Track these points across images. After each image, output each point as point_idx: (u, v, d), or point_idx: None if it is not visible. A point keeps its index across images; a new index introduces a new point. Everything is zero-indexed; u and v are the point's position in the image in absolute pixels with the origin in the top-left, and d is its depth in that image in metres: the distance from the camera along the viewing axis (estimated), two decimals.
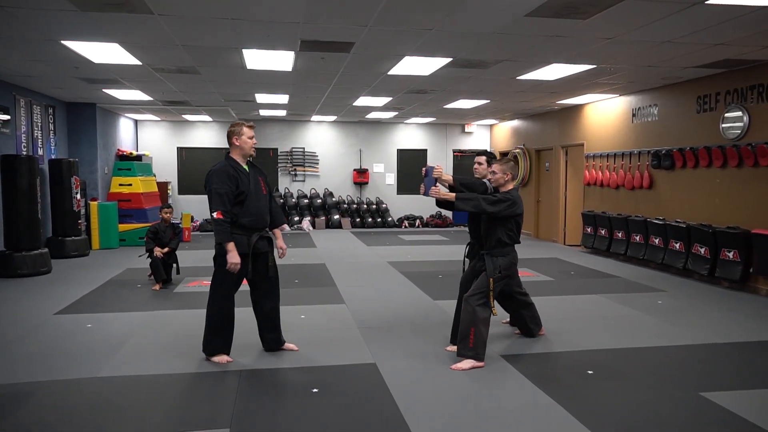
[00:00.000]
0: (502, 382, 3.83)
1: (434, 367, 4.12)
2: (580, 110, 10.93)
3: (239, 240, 4.01)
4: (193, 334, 4.78)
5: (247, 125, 4.14)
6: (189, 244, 11.09)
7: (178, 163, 14.34)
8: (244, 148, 4.12)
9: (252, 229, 4.08)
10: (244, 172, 4.10)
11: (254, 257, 4.14)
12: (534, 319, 4.80)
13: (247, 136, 4.12)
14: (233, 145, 4.14)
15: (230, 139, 4.13)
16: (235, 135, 4.12)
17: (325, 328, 5.16)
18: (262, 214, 4.13)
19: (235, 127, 4.13)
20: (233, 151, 4.15)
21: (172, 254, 7.11)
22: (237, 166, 4.09)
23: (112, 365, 4.13)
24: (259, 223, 4.11)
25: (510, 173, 4.24)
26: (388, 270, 8.26)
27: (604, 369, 4.10)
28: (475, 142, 15.55)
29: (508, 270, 4.23)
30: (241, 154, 4.13)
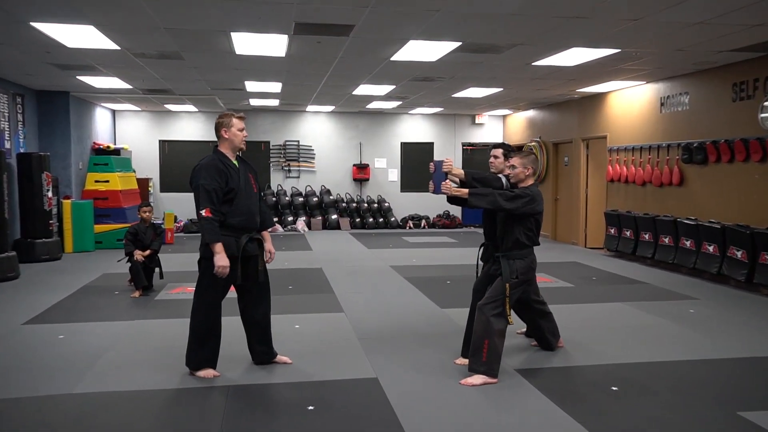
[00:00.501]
0: (518, 400, 3.82)
1: (442, 382, 4.10)
2: (602, 99, 10.90)
3: (227, 242, 4.01)
4: (176, 345, 4.77)
5: (236, 116, 4.15)
6: (172, 247, 11.10)
7: (160, 157, 14.35)
8: (234, 142, 4.12)
9: (241, 230, 4.07)
10: (233, 167, 4.09)
11: (243, 261, 4.13)
12: (552, 330, 4.78)
13: (237, 128, 4.12)
14: (222, 137, 4.14)
15: (218, 131, 4.14)
16: (224, 127, 4.11)
17: (322, 339, 5.15)
18: (253, 214, 4.12)
19: (223, 119, 4.13)
20: (222, 144, 4.15)
21: (154, 257, 7.10)
22: (226, 161, 4.08)
23: (87, 380, 4.12)
24: (250, 223, 4.10)
25: (531, 167, 4.23)
26: (391, 275, 8.25)
27: (630, 385, 4.08)
28: (486, 135, 15.53)
29: (526, 275, 4.21)
30: (230, 148, 4.13)
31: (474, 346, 4.10)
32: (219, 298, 4.09)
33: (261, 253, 4.19)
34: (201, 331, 4.09)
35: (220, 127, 4.12)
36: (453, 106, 13.29)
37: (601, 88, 10.24)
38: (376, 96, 11.51)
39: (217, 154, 4.12)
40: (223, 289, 4.09)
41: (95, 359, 4.56)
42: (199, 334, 4.10)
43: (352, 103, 12.90)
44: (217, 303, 4.08)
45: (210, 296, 4.05)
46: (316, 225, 14.32)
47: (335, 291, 7.14)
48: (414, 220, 14.98)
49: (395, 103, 12.80)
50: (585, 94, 11.09)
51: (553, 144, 12.73)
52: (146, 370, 4.33)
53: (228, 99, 12.19)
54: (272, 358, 4.38)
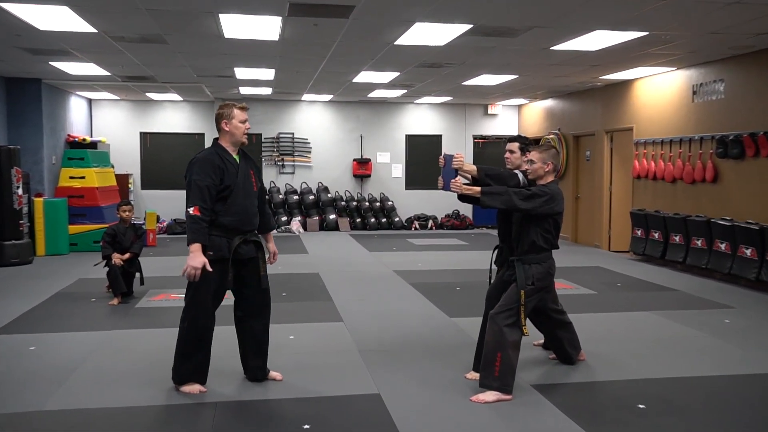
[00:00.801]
0: (534, 419, 3.81)
1: (451, 399, 4.09)
2: (628, 87, 10.89)
3: (218, 243, 4.01)
4: (159, 358, 4.77)
5: (238, 107, 4.17)
6: (154, 249, 11.11)
7: (141, 151, 14.38)
8: (235, 134, 4.14)
9: (234, 231, 4.07)
10: (233, 162, 4.11)
11: (240, 265, 4.14)
12: (572, 342, 4.77)
13: (239, 119, 4.14)
14: (222, 130, 4.16)
15: (218, 123, 4.16)
16: (224, 118, 4.14)
17: (319, 351, 5.14)
18: (249, 215, 4.13)
19: (224, 109, 4.16)
20: (222, 137, 4.18)
21: (134, 261, 7.11)
22: (225, 155, 4.10)
23: (60, 396, 4.12)
24: (244, 224, 4.11)
25: (551, 163, 4.22)
26: (395, 281, 8.25)
27: (658, 402, 4.07)
28: (499, 126, 15.52)
29: (544, 281, 4.20)
30: (231, 142, 4.15)
31: (486, 360, 4.09)
32: (209, 306, 4.07)
33: (261, 257, 4.19)
34: (187, 342, 4.08)
35: (221, 118, 4.14)
36: (463, 95, 13.28)
37: (627, 75, 10.22)
38: (379, 84, 11.50)
39: (216, 147, 4.14)
40: (214, 295, 4.08)
41: (69, 373, 4.56)
42: (185, 344, 4.09)
43: (352, 92, 12.90)
44: (207, 311, 4.07)
45: (199, 303, 4.05)
46: (312, 226, 14.33)
47: (333, 298, 7.14)
48: (420, 221, 14.98)
49: (400, 92, 12.79)
50: (609, 82, 11.07)
51: (574, 137, 12.71)
52: (126, 385, 4.32)
53: (216, 87, 12.20)
54: (267, 375, 4.38)
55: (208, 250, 3.99)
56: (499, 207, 4.10)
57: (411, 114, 15.24)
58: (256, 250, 4.18)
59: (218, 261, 4.01)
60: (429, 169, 15.02)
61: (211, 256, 4.00)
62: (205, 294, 4.04)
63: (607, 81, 10.95)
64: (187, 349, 4.09)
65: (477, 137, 15.52)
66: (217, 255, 4.01)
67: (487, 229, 15.01)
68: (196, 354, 4.10)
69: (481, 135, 15.52)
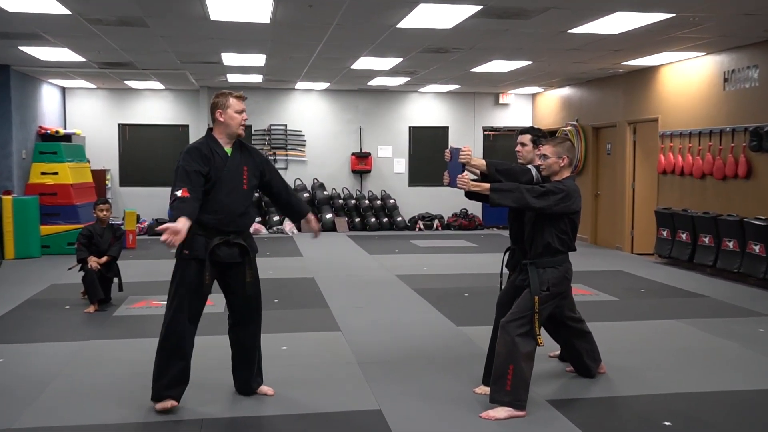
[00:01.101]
0: None
1: (458, 415, 4.10)
2: (653, 74, 10.89)
3: (194, 241, 4.01)
4: (139, 371, 4.78)
5: (234, 95, 4.18)
6: (134, 252, 11.12)
7: (119, 144, 14.39)
8: (231, 126, 4.16)
9: (213, 231, 4.07)
10: (221, 155, 4.12)
11: (223, 269, 4.14)
12: (592, 353, 4.77)
13: (234, 109, 4.16)
14: (216, 120, 4.19)
15: (213, 113, 4.19)
16: (219, 108, 4.16)
17: (315, 362, 5.15)
18: (233, 213, 4.12)
19: (219, 98, 4.18)
20: (216, 128, 4.21)
21: (112, 265, 7.12)
22: (215, 147, 4.13)
23: (32, 413, 4.13)
24: (226, 223, 4.11)
25: (566, 157, 4.22)
26: (397, 286, 8.25)
27: (686, 420, 4.07)
28: (512, 117, 15.52)
29: (560, 286, 4.20)
30: (225, 133, 4.18)
31: (496, 373, 4.10)
32: (188, 311, 4.07)
33: (248, 261, 4.19)
34: (163, 352, 4.09)
35: (215, 108, 4.17)
36: (472, 82, 13.28)
37: (652, 60, 10.22)
38: (380, 71, 11.50)
39: (208, 138, 4.18)
40: (192, 299, 4.07)
41: (41, 387, 4.56)
42: (160, 355, 4.10)
43: (351, 80, 12.90)
44: (184, 316, 4.06)
45: (175, 307, 4.05)
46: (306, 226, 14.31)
47: (330, 305, 7.15)
48: (425, 221, 14.98)
49: (402, 80, 12.79)
50: (632, 69, 11.07)
51: (593, 128, 12.70)
52: (103, 400, 4.33)
53: (201, 74, 12.21)
54: (256, 389, 4.39)
55: (183, 248, 4.01)
56: (510, 205, 4.10)
57: (415, 104, 15.24)
58: (241, 255, 4.16)
59: (194, 260, 4.02)
60: (434, 164, 15.02)
61: (186, 255, 4.02)
62: (183, 295, 4.04)
63: (629, 67, 10.94)
64: (163, 360, 4.09)
65: (487, 129, 15.52)
66: (193, 254, 4.01)
67: (497, 229, 15.01)
68: (173, 365, 4.08)
69: (491, 126, 15.52)
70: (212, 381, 4.59)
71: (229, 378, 4.45)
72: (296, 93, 14.82)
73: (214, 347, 5.35)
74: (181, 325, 4.06)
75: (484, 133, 15.49)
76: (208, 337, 5.63)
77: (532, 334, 4.07)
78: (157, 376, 4.10)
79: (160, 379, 4.09)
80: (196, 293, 4.07)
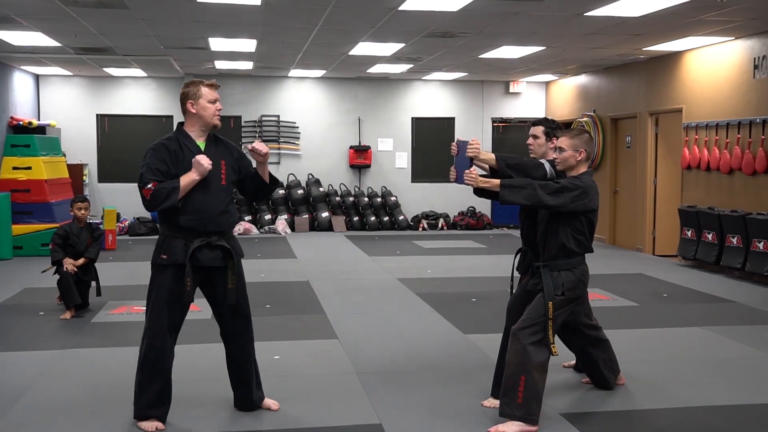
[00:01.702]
0: None
1: (465, 431, 4.10)
2: (676, 61, 10.88)
3: (173, 245, 4.01)
4: (119, 382, 4.78)
5: (206, 84, 4.15)
6: (114, 254, 11.12)
7: (98, 137, 14.39)
8: (204, 117, 4.13)
9: (192, 233, 4.05)
10: (194, 149, 4.10)
11: (207, 276, 4.14)
12: (609, 363, 4.77)
13: (207, 99, 4.12)
14: (188, 112, 4.15)
15: (183, 104, 4.16)
16: (190, 99, 4.12)
17: (310, 373, 5.15)
18: (212, 212, 4.09)
19: (189, 88, 4.14)
20: (188, 121, 4.18)
21: (90, 268, 7.12)
22: (186, 141, 4.10)
23: (3, 428, 4.12)
24: (205, 224, 4.07)
25: (584, 150, 4.22)
26: (399, 291, 8.26)
27: None
28: (523, 108, 15.52)
29: (575, 290, 4.20)
30: (198, 126, 4.15)
31: (507, 384, 4.10)
32: (164, 321, 4.04)
33: (231, 266, 4.15)
34: (143, 367, 4.07)
35: (186, 98, 4.13)
36: (481, 70, 13.27)
37: (676, 45, 10.21)
38: (380, 57, 11.50)
39: (178, 132, 4.15)
40: (172, 309, 4.04)
41: (14, 400, 4.56)
42: (142, 369, 4.08)
43: (349, 67, 12.90)
44: (164, 329, 4.03)
45: (153, 317, 4.03)
46: (301, 225, 14.34)
47: (326, 311, 7.15)
48: (429, 220, 14.98)
49: (405, 67, 12.79)
50: (654, 55, 11.07)
51: (612, 120, 12.70)
52: (80, 414, 4.32)
53: (187, 61, 12.21)
54: (257, 405, 4.37)
55: (160, 252, 4.01)
56: (522, 203, 4.10)
57: (418, 93, 15.24)
58: (224, 259, 4.13)
59: (172, 266, 4.01)
60: (439, 159, 15.02)
61: (163, 261, 4.01)
62: (160, 307, 4.02)
63: (651, 53, 10.94)
64: (144, 376, 4.07)
65: (496, 120, 15.51)
66: (171, 259, 4.00)
67: (508, 229, 15.00)
68: (154, 381, 4.06)
69: (501, 118, 15.51)
70: (203, 394, 4.59)
71: (222, 390, 4.45)
72: (289, 81, 14.82)
73: (204, 357, 5.36)
74: (160, 338, 4.03)
75: (493, 124, 15.49)
76: (198, 346, 5.65)
77: (545, 342, 4.07)
78: (138, 393, 4.10)
79: (141, 397, 4.08)
80: (176, 303, 4.04)
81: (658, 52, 10.84)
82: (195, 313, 6.72)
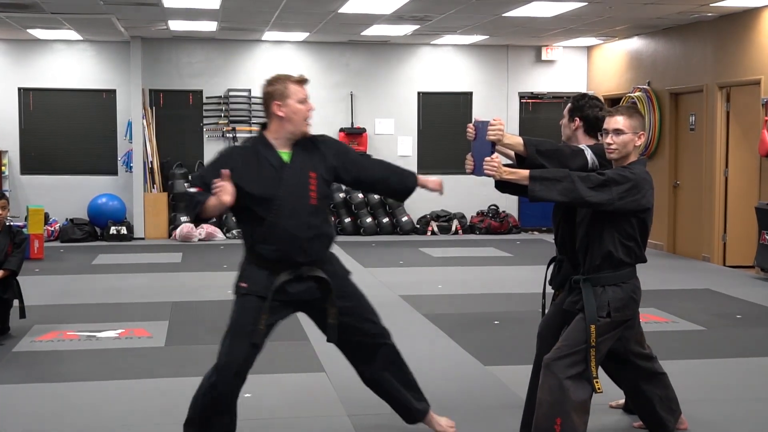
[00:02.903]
0: None
1: None
2: (754, 19, 10.88)
3: (256, 274, 4.16)
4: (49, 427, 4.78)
5: (294, 80, 4.20)
6: (41, 264, 11.11)
7: (20, 116, 14.37)
8: (294, 121, 4.18)
9: (279, 264, 4.16)
10: (276, 163, 4.16)
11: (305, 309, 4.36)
12: (668, 402, 4.78)
13: (297, 98, 4.16)
14: (273, 116, 4.19)
15: (268, 106, 4.20)
16: (276, 99, 4.16)
17: (289, 414, 5.16)
18: (300, 240, 4.16)
19: (275, 86, 4.18)
20: (273, 125, 4.23)
21: (11, 283, 7.11)
22: (266, 152, 4.18)
23: None
24: (294, 253, 4.16)
25: (643, 133, 4.24)
26: (402, 310, 8.27)
27: None
28: (559, 79, 15.53)
29: (624, 311, 4.21)
30: (285, 132, 4.20)
31: (539, 428, 4.11)
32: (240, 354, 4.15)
33: (331, 301, 4.26)
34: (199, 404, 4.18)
35: (271, 99, 4.17)
36: (505, 32, 13.27)
37: (753, 0, 10.22)
38: (378, 15, 11.50)
39: (258, 141, 4.24)
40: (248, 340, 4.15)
41: None
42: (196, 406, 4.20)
43: (338, 28, 12.90)
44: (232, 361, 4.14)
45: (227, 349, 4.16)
46: None
47: (310, 337, 7.14)
48: (440, 221, 14.98)
49: (409, 28, 12.79)
50: (725, 11, 11.07)
51: (671, 95, 12.71)
52: None
53: (133, 20, 12.20)
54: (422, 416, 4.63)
55: (240, 280, 4.18)
56: (557, 200, 4.11)
57: (426, 61, 15.25)
58: (320, 290, 4.25)
59: (254, 296, 4.15)
60: (453, 144, 15.04)
61: (244, 289, 4.16)
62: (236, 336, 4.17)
63: (721, 9, 10.94)
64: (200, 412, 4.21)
65: (525, 96, 15.52)
66: (252, 288, 4.14)
67: (539, 233, 15.00)
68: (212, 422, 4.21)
69: (531, 92, 15.52)
70: None
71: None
72: (264, 46, 14.82)
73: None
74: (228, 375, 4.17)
75: (521, 101, 15.50)
76: None
77: (586, 376, 4.08)
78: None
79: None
80: (246, 337, 4.16)
81: (730, 8, 10.84)
82: None
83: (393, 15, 11.40)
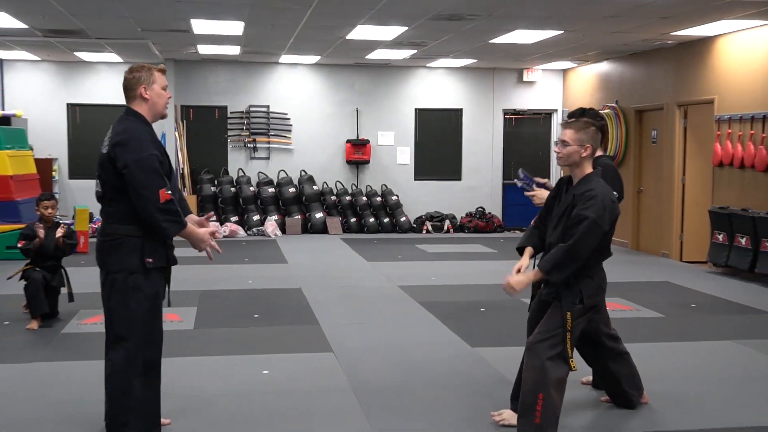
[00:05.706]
0: None
1: None
2: (708, 47, 10.88)
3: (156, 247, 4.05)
4: (92, 398, 4.79)
5: (158, 69, 4.18)
6: (87, 257, 11.11)
7: (68, 128, 14.37)
8: (158, 106, 4.17)
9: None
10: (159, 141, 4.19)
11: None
12: (632, 379, 4.78)
13: (161, 85, 4.16)
14: (139, 98, 4.13)
15: (135, 89, 4.13)
16: (143, 84, 4.12)
17: (301, 390, 5.16)
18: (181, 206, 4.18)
19: (141, 73, 4.12)
20: (140, 107, 4.15)
21: (58, 272, 7.11)
22: (152, 132, 4.16)
23: None
24: None
25: (590, 145, 4.21)
26: (401, 299, 8.27)
27: None
28: (538, 98, 15.51)
29: (594, 298, 4.22)
30: (150, 115, 4.17)
31: (524, 403, 4.11)
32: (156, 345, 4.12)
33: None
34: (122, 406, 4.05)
35: (137, 84, 4.11)
36: (491, 56, 13.27)
37: (707, 30, 10.21)
38: (381, 42, 11.50)
39: (139, 118, 4.14)
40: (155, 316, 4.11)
41: None
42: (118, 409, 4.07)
43: (346, 53, 12.90)
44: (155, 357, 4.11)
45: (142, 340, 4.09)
46: (293, 227, 14.33)
47: (320, 321, 7.15)
48: (434, 221, 14.97)
49: (408, 53, 12.79)
50: (683, 40, 11.07)
51: (636, 112, 12.70)
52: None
53: (166, 45, 12.21)
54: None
55: (146, 256, 4.01)
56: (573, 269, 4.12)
57: (422, 82, 15.23)
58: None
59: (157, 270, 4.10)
60: (445, 154, 15.04)
61: (151, 264, 4.04)
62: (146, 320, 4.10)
63: (680, 38, 10.94)
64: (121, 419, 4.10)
65: (509, 112, 15.50)
66: (156, 263, 4.07)
67: (520, 232, 14.99)
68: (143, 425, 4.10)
69: (513, 109, 15.50)
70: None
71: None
72: (280, 68, 14.82)
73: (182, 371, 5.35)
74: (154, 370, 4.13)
75: (504, 116, 15.47)
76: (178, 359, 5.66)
77: (564, 356, 4.09)
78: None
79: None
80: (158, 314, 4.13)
81: (687, 37, 10.84)
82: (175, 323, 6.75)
83: (393, 41, 11.41)
